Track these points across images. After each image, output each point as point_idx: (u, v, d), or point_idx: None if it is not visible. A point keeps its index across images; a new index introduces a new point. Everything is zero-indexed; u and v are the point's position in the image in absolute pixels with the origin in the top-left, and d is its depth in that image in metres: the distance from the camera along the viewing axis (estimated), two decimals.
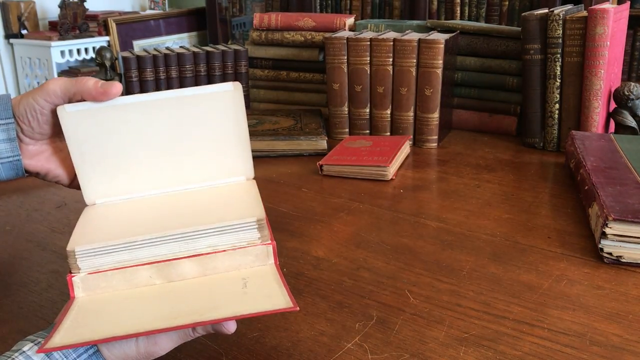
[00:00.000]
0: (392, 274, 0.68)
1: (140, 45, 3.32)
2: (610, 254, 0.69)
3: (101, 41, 3.20)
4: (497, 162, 1.05)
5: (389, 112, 1.16)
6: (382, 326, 0.58)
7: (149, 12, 3.59)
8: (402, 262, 0.70)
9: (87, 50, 3.17)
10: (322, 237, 0.77)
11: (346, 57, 1.15)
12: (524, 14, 1.08)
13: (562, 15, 1.04)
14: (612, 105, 1.09)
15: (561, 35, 1.04)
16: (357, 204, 0.88)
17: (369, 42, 1.13)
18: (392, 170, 0.98)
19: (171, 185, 0.59)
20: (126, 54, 1.28)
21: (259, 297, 0.46)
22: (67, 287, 0.48)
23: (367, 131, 1.19)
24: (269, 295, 0.46)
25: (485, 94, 1.24)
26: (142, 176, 0.58)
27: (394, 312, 0.60)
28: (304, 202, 0.89)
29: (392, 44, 1.12)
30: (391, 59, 1.13)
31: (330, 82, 1.18)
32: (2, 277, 0.70)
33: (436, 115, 1.13)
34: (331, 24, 1.34)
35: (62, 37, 3.06)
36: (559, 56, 1.06)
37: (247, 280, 0.48)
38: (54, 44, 3.02)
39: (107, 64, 1.31)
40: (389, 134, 1.17)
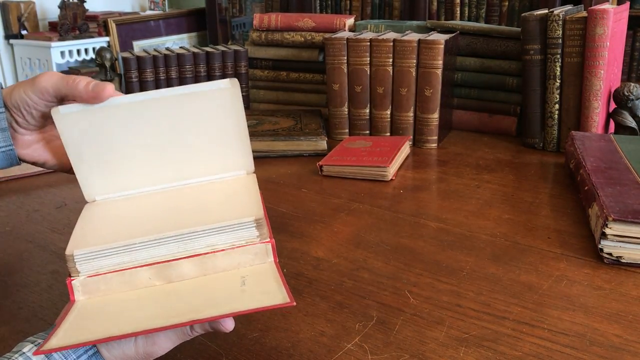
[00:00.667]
0: (392, 274, 0.68)
1: (140, 45, 3.32)
2: (610, 254, 0.69)
3: (101, 42, 3.20)
4: (497, 163, 1.05)
5: (389, 112, 1.16)
6: (382, 326, 0.58)
7: (149, 12, 3.59)
8: (402, 263, 0.70)
9: (87, 50, 3.17)
10: (322, 237, 0.77)
11: (346, 58, 1.15)
12: (523, 15, 1.08)
13: (562, 15, 1.04)
14: (612, 105, 1.09)
15: (561, 35, 1.04)
16: (357, 205, 0.88)
17: (368, 43, 1.13)
18: (392, 170, 0.98)
19: (171, 181, 0.59)
20: (126, 55, 1.29)
21: (256, 294, 0.46)
22: (67, 287, 0.48)
23: (367, 131, 1.19)
24: (267, 291, 0.46)
25: (485, 94, 1.24)
26: (141, 173, 0.58)
27: (394, 312, 0.60)
28: (304, 202, 0.90)
29: (392, 44, 1.12)
30: (391, 60, 1.13)
31: (330, 82, 1.18)
32: (2, 277, 0.70)
33: (436, 115, 1.13)
34: (331, 24, 1.34)
35: (62, 38, 3.06)
36: (558, 56, 1.06)
37: (246, 278, 0.48)
38: (54, 44, 3.02)
39: (107, 64, 1.31)
40: (388, 134, 1.17)
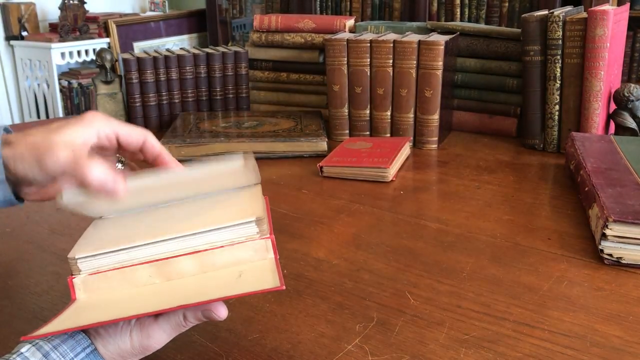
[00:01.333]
0: (393, 275, 0.67)
1: (140, 46, 3.33)
2: (610, 255, 0.68)
3: (101, 43, 3.21)
4: (497, 164, 1.05)
5: (389, 113, 1.16)
6: (383, 328, 0.58)
7: (149, 13, 3.59)
8: (402, 264, 0.70)
9: (87, 52, 3.18)
10: (323, 238, 0.77)
11: (346, 59, 1.15)
12: (523, 16, 1.08)
13: (562, 16, 1.04)
14: (612, 106, 1.09)
15: (561, 36, 1.04)
16: (358, 206, 0.88)
17: (369, 44, 1.13)
18: (392, 171, 0.98)
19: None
20: (126, 56, 1.29)
21: (249, 281, 0.47)
22: (67, 289, 0.49)
23: (367, 133, 1.19)
24: (260, 279, 0.47)
25: (485, 95, 1.24)
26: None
27: (395, 313, 0.60)
28: (304, 203, 0.89)
29: (392, 45, 1.12)
30: (391, 61, 1.13)
31: (330, 83, 1.18)
32: (2, 279, 0.69)
33: (436, 116, 1.13)
34: (331, 25, 1.34)
35: (63, 39, 3.07)
36: (558, 57, 1.06)
37: (243, 272, 0.49)
38: (54, 45, 3.02)
39: (108, 65, 1.31)
40: (389, 135, 1.17)
